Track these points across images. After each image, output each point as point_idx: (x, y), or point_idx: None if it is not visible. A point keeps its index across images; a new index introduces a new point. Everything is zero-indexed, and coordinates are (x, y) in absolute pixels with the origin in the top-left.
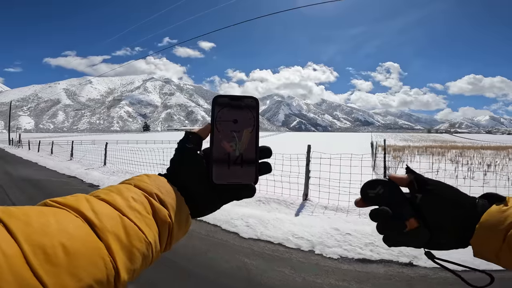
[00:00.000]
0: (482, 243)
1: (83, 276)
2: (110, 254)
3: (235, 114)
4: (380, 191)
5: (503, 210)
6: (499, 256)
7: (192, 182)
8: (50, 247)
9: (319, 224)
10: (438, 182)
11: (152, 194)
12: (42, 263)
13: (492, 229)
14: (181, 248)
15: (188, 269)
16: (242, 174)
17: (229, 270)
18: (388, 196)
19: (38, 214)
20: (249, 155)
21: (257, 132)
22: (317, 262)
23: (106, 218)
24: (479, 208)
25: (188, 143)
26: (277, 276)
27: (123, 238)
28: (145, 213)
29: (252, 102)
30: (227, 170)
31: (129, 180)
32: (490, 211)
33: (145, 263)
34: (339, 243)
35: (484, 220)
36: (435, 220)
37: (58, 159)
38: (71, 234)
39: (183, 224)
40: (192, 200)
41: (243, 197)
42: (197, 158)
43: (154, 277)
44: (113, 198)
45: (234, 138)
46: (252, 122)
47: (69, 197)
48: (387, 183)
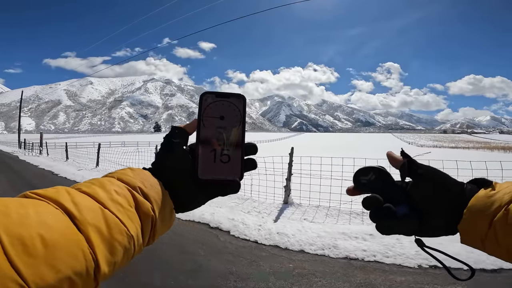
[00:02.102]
0: (469, 229)
1: (62, 267)
2: (90, 246)
3: (222, 111)
4: (372, 177)
5: (490, 195)
6: (484, 243)
7: (177, 176)
8: (28, 238)
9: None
10: (429, 167)
11: (135, 188)
12: (20, 254)
13: (478, 214)
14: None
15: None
16: (227, 170)
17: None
18: (379, 182)
19: (17, 205)
20: (235, 152)
21: (243, 129)
22: None
23: (86, 210)
24: (467, 193)
25: (175, 137)
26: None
27: (104, 230)
28: (127, 206)
29: (238, 99)
30: (212, 165)
31: (112, 173)
32: (477, 195)
33: (127, 256)
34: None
35: (471, 205)
36: (424, 205)
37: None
38: (50, 225)
39: (167, 218)
40: (176, 195)
41: (228, 193)
42: (182, 153)
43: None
44: (94, 191)
45: (220, 134)
46: (239, 119)
47: (50, 189)
48: (379, 170)
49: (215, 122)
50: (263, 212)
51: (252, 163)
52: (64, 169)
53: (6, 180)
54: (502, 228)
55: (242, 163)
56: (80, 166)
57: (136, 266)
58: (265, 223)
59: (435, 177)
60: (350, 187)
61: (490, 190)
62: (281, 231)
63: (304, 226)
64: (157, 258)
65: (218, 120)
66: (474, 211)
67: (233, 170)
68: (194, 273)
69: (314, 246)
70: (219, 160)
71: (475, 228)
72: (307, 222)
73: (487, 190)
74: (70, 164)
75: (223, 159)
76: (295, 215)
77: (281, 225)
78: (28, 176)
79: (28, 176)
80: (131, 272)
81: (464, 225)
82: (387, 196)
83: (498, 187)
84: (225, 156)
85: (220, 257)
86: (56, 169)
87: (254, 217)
